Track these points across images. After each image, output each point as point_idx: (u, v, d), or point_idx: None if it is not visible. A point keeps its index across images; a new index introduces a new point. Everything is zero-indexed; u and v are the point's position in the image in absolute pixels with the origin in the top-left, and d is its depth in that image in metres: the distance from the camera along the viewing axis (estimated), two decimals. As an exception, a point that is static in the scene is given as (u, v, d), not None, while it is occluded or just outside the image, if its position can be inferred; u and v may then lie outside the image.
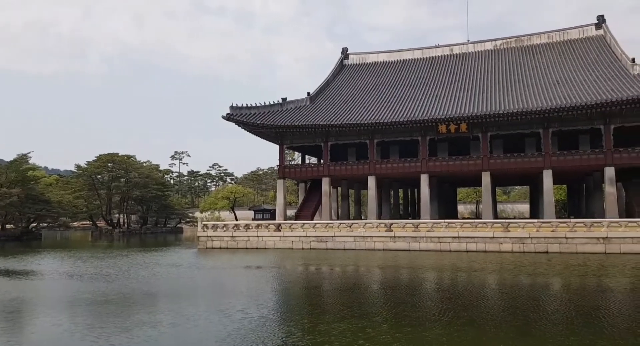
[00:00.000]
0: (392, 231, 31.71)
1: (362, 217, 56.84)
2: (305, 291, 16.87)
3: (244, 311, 12.91)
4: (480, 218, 41.30)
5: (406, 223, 33.49)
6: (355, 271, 22.29)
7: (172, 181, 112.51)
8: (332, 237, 32.73)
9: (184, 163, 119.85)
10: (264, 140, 49.37)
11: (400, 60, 56.43)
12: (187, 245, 41.77)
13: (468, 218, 67.63)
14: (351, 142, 45.15)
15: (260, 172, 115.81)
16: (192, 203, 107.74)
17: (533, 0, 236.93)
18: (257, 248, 34.02)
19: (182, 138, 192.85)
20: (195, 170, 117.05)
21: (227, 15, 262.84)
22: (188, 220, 74.37)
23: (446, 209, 56.29)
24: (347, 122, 41.67)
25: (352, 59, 58.75)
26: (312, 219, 43.58)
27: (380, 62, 57.20)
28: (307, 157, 59.03)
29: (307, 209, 46.83)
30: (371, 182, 43.84)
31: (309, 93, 49.09)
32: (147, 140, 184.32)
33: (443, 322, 11.42)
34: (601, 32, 49.05)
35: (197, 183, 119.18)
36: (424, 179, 42.43)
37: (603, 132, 37.46)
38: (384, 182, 50.61)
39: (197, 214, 70.26)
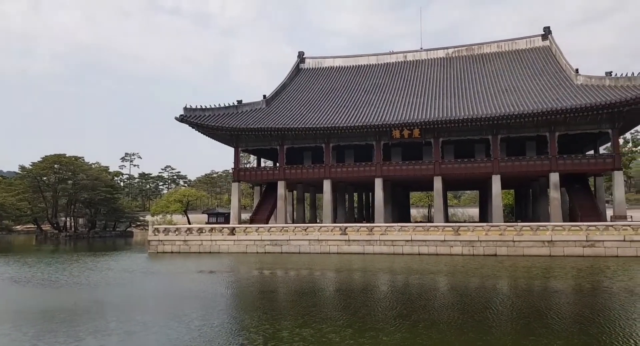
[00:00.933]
0: (346, 234, 31.85)
1: (318, 221, 56.91)
2: (262, 296, 16.61)
3: (203, 318, 12.61)
4: (432, 222, 42.24)
5: (360, 226, 33.73)
6: (311, 275, 22.20)
7: (122, 183, 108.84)
8: (287, 240, 32.53)
9: (135, 166, 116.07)
10: (219, 142, 48.64)
11: (356, 66, 57.09)
12: (137, 250, 40.45)
13: (420, 221, 69.07)
14: (307, 145, 45.19)
15: (215, 175, 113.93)
16: (143, 206, 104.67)
17: (484, 10, 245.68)
18: (210, 252, 33.36)
19: (134, 140, 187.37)
20: (146, 173, 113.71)
21: (183, 16, 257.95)
22: (139, 223, 72.13)
23: (400, 213, 57.29)
24: (303, 126, 41.68)
25: (309, 63, 58.95)
26: (267, 223, 43.27)
27: (337, 66, 57.68)
28: (262, 160, 58.63)
29: (262, 213, 46.47)
30: (327, 185, 43.99)
31: (265, 96, 48.81)
32: (97, 141, 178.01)
33: (406, 325, 11.51)
34: (547, 42, 51.36)
35: (148, 186, 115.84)
36: (378, 183, 42.97)
37: (548, 139, 39.13)
38: (340, 186, 50.96)
39: (149, 218, 68.15)
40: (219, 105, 45.65)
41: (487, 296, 16.23)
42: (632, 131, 65.34)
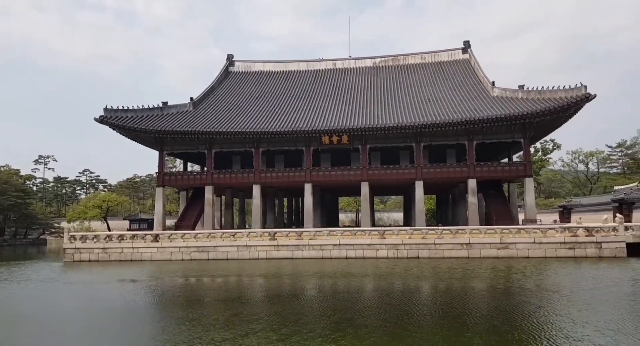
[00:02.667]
0: (276, 240, 31.77)
1: (246, 226, 56.29)
2: (188, 306, 15.99)
3: (126, 330, 12.02)
4: (360, 226, 43.15)
5: (290, 231, 33.78)
6: (240, 281, 21.90)
7: (35, 188, 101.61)
8: (215, 247, 31.89)
9: (49, 169, 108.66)
10: (142, 145, 46.76)
11: (286, 71, 57.29)
12: (52, 258, 37.90)
13: (348, 226, 70.33)
14: (236, 150, 44.62)
15: (138, 179, 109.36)
16: (58, 212, 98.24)
17: (410, 23, 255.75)
18: (132, 260, 31.95)
19: (49, 142, 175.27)
20: (62, 177, 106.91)
21: (106, 12, 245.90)
22: (53, 230, 67.74)
23: (328, 217, 58.01)
24: (231, 130, 41.11)
25: (238, 67, 58.36)
26: (193, 229, 42.16)
27: (266, 71, 57.56)
28: (189, 164, 57.11)
29: (189, 219, 45.21)
30: (256, 190, 43.64)
31: (192, 99, 47.63)
32: (6, 142, 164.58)
33: (332, 328, 11.62)
34: (467, 56, 54.34)
35: (64, 191, 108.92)
36: (308, 188, 43.27)
37: (467, 148, 41.31)
38: (269, 191, 50.74)
39: (64, 224, 64.13)
40: (143, 106, 43.99)
41: (410, 297, 16.85)
42: (542, 141, 70.44)
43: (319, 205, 50.22)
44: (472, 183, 41.12)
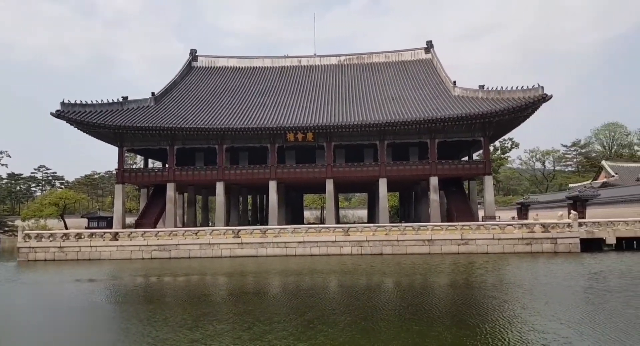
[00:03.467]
0: (239, 237, 31.50)
1: (210, 224, 55.58)
2: (148, 305, 15.58)
3: (86, 333, 11.66)
4: (325, 223, 43.29)
5: (254, 229, 33.57)
6: (203, 280, 21.58)
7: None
8: (177, 245, 31.33)
9: (3, 165, 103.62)
10: (101, 141, 45.42)
11: (251, 67, 56.80)
12: (5, 258, 36.38)
13: (313, 223, 70.48)
14: (199, 146, 43.96)
15: (97, 176, 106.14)
16: (12, 210, 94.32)
17: (375, 21, 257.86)
18: (90, 259, 31.03)
19: (2, 137, 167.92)
20: (17, 173, 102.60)
21: (64, 3, 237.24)
22: (7, 229, 65.03)
23: (293, 215, 57.97)
24: (194, 126, 40.47)
25: (202, 62, 57.45)
26: (154, 227, 41.30)
27: (231, 67, 56.91)
28: (150, 160, 55.86)
29: (150, 216, 44.26)
30: (220, 188, 43.12)
31: (153, 94, 46.57)
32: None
33: (297, 326, 11.60)
34: (429, 56, 55.26)
35: (19, 188, 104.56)
36: (273, 186, 43.08)
37: (429, 146, 42.03)
38: (233, 188, 50.24)
39: (19, 223, 61.69)
40: (102, 100, 42.70)
41: (378, 293, 17.05)
42: (501, 139, 72.48)
43: (284, 202, 50.10)
44: (434, 181, 41.88)
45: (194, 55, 57.43)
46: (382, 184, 42.48)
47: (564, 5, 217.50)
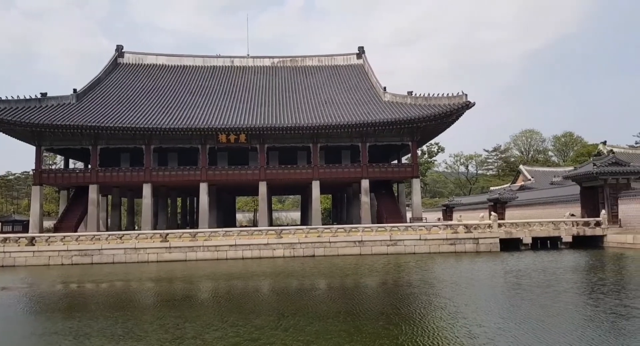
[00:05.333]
0: (167, 241, 30.48)
1: (136, 228, 53.40)
2: (72, 315, 14.48)
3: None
4: (257, 226, 42.94)
5: (183, 232, 32.65)
6: (128, 287, 20.62)
7: None
8: (99, 250, 29.77)
9: None
10: (17, 140, 42.31)
11: (181, 66, 55.29)
12: None
13: (246, 226, 69.63)
14: (125, 146, 42.17)
15: (11, 177, 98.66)
16: None
17: (309, 24, 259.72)
18: (2, 266, 28.77)
19: None
20: None
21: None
22: None
23: (225, 218, 56.97)
24: (119, 125, 38.76)
25: (128, 58, 55.13)
26: (75, 231, 39.03)
27: (160, 65, 55.08)
28: (71, 161, 52.77)
29: (70, 220, 41.80)
30: (146, 190, 41.55)
31: (75, 91, 44.08)
32: None
33: (225, 330, 11.35)
34: (361, 61, 56.47)
35: None
36: (203, 188, 42.12)
37: (360, 149, 42.92)
38: (162, 190, 48.58)
39: None
40: (19, 97, 39.88)
41: (305, 294, 17.11)
42: (428, 144, 75.47)
43: (215, 205, 49.14)
44: (365, 184, 42.78)
45: (120, 51, 55.00)
46: (315, 186, 42.81)
47: (489, 17, 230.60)
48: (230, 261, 29.12)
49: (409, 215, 46.38)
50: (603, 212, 34.06)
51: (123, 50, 55.24)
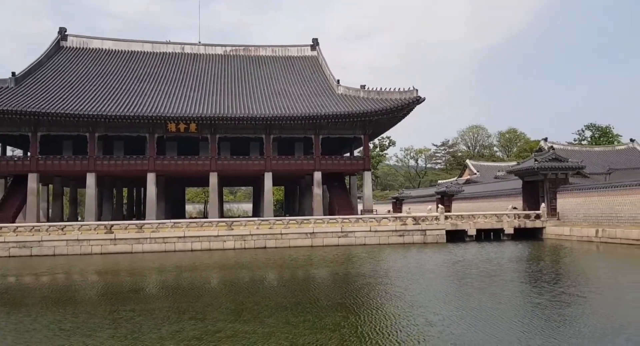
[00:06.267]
0: (112, 233, 29.45)
1: (79, 219, 51.28)
2: (10, 311, 13.71)
3: None
4: (208, 218, 42.21)
5: (129, 224, 31.66)
6: (71, 280, 19.74)
7: None
8: (39, 241, 28.37)
9: None
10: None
11: (129, 51, 53.24)
12: None
13: (196, 217, 68.37)
14: (68, 134, 40.27)
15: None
16: None
17: (263, 15, 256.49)
18: None
19: None
20: None
21: None
22: None
23: (174, 209, 55.69)
24: (62, 111, 36.95)
25: (72, 42, 52.50)
26: (13, 222, 37.00)
27: (106, 49, 52.81)
28: (8, 148, 49.82)
29: (7, 210, 39.56)
30: (90, 179, 39.92)
31: (14, 74, 41.60)
32: None
33: (172, 325, 11.06)
34: (315, 53, 56.38)
35: None
36: (151, 178, 40.94)
37: (314, 141, 42.96)
38: (107, 180, 46.81)
39: None
40: (-52, 78, 37.19)
41: (263, 286, 17.02)
42: (380, 137, 76.61)
43: (164, 196, 47.89)
44: (317, 176, 42.91)
45: (63, 34, 52.26)
46: (268, 178, 42.53)
47: (441, 16, 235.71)
48: (179, 253, 28.52)
49: (360, 207, 46.97)
50: (543, 205, 35.76)
51: (66, 33, 52.51)
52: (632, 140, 58.53)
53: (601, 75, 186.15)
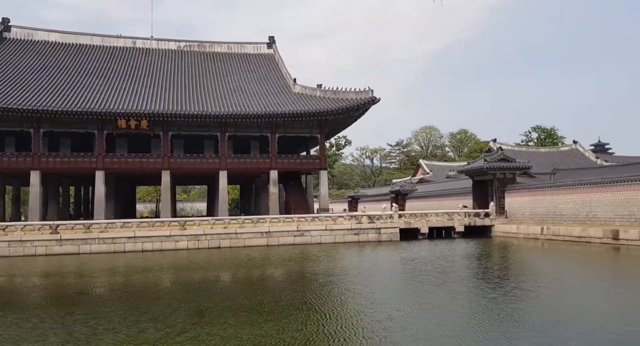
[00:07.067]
0: (58, 233, 28.19)
1: (23, 219, 48.80)
2: None
3: None
4: (160, 217, 41.14)
5: (76, 224, 30.40)
6: (14, 283, 18.67)
7: None
8: (-23, 243, 26.79)
9: None
10: None
11: (77, 44, 51.09)
12: None
13: (147, 217, 66.49)
14: (9, 129, 38.20)
15: None
16: None
17: (218, 11, 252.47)
18: None
19: None
20: None
21: None
22: None
23: (124, 208, 53.90)
24: (4, 105, 34.98)
25: (16, 33, 49.84)
26: (-53, 222, 34.77)
27: (53, 42, 50.47)
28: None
29: (-59, 210, 37.15)
30: (34, 177, 38.05)
31: (-51, 65, 39.05)
32: None
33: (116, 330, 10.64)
34: (272, 51, 56.00)
35: None
36: (100, 176, 39.45)
37: (270, 140, 42.64)
38: (52, 178, 44.76)
39: None
40: None
41: (222, 286, 16.74)
42: (336, 137, 77.05)
43: (113, 194, 46.28)
44: (273, 175, 42.65)
45: (6, 25, 49.49)
46: (223, 177, 41.88)
47: (396, 18, 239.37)
48: (129, 254, 27.64)
49: (316, 206, 47.08)
50: (492, 204, 37.00)
51: (10, 24, 49.77)
52: (575, 142, 61.47)
53: (548, 78, 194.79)
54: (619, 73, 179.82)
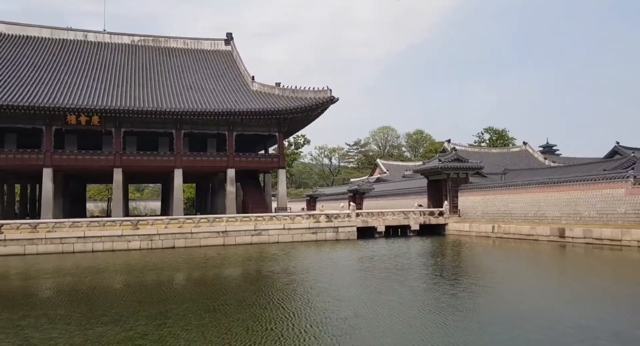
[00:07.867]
0: (2, 233, 26.75)
1: (-39, 218, 46.09)
2: None
3: None
4: (111, 216, 39.81)
5: (21, 223, 28.98)
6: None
7: None
8: None
9: None
10: None
11: (24, 36, 48.70)
12: None
13: (98, 216, 64.25)
14: (-53, 124, 35.99)
15: None
16: None
17: (174, 6, 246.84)
18: None
19: None
20: None
21: None
22: None
23: (74, 207, 51.91)
24: (-59, 99, 32.94)
25: (-45, 21, 47.00)
26: None
27: (-4, 32, 47.90)
28: None
29: None
30: (-25, 175, 36.00)
31: None
32: None
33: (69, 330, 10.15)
34: (229, 48, 55.24)
35: None
36: (47, 174, 37.76)
37: (227, 138, 42.04)
38: (-6, 176, 42.51)
39: None
40: None
41: (181, 287, 16.33)
42: (295, 136, 76.84)
43: (62, 193, 44.42)
44: (231, 173, 42.09)
45: (-57, 11, 46.61)
46: (178, 175, 40.95)
47: (357, 17, 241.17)
48: (79, 254, 26.59)
49: (274, 205, 46.80)
50: (445, 203, 37.90)
51: (-54, 11, 46.90)
52: (525, 143, 63.88)
53: (502, 79, 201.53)
54: (570, 76, 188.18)
